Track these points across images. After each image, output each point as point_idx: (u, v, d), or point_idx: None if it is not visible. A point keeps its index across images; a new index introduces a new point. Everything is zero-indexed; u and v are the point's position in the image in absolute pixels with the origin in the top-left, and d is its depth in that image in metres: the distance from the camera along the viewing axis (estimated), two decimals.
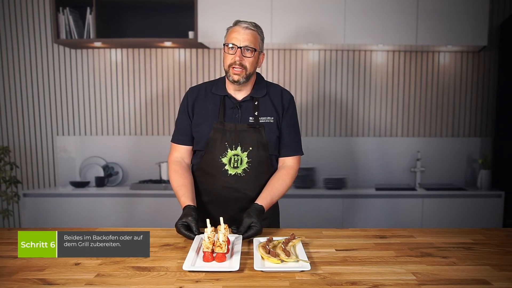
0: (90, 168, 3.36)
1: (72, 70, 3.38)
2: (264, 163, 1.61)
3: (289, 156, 1.68)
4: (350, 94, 3.40)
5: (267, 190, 1.59)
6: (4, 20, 3.32)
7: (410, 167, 3.40)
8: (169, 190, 3.05)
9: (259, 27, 1.61)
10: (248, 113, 1.61)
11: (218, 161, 1.59)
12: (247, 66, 1.56)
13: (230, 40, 1.55)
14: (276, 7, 3.01)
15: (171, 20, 3.29)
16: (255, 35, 1.57)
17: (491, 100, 3.41)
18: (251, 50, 1.55)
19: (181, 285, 1.06)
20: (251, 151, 1.59)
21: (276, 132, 1.63)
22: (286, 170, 1.66)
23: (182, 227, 1.41)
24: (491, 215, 3.12)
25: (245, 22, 1.57)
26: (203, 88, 1.68)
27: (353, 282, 1.07)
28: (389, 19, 3.03)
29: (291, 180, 1.65)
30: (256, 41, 1.57)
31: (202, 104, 1.64)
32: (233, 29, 1.57)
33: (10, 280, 1.08)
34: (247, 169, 1.60)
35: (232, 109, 1.61)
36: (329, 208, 3.12)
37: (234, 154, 1.59)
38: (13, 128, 3.41)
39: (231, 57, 1.55)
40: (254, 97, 1.63)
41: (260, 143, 1.59)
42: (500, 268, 1.18)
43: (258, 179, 1.62)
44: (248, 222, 1.42)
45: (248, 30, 1.55)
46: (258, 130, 1.59)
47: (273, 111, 1.63)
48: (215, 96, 1.64)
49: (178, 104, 3.41)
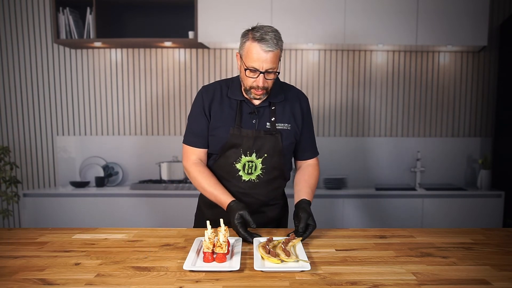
0: (90, 168, 3.36)
1: (72, 70, 3.38)
2: (278, 168, 1.60)
3: (312, 158, 1.71)
4: (350, 94, 3.40)
5: (306, 186, 1.59)
6: (4, 20, 3.32)
7: (410, 167, 3.40)
8: (169, 190, 3.05)
9: (279, 39, 1.46)
10: (265, 119, 1.57)
11: (232, 167, 1.56)
12: (269, 86, 1.51)
13: (251, 64, 1.43)
14: (276, 7, 3.01)
15: (171, 20, 3.29)
16: (277, 53, 1.44)
17: (491, 100, 3.41)
18: (274, 72, 1.47)
19: (181, 285, 1.06)
20: (266, 158, 1.56)
21: (292, 139, 1.60)
22: (313, 167, 1.69)
23: (239, 226, 1.39)
24: (491, 215, 3.12)
25: (266, 41, 1.41)
26: (218, 89, 1.60)
27: (353, 282, 1.07)
28: (389, 19, 3.03)
29: (318, 175, 1.70)
30: (277, 60, 1.46)
31: (218, 107, 1.57)
32: (254, 49, 1.42)
33: (10, 280, 1.08)
34: (261, 175, 1.58)
35: (250, 115, 1.56)
36: (329, 208, 3.12)
37: (248, 161, 1.55)
38: (13, 128, 3.41)
39: (252, 80, 1.47)
40: (271, 102, 1.58)
41: (276, 149, 1.56)
42: (500, 268, 1.18)
43: (271, 184, 1.61)
44: (305, 217, 1.42)
45: (270, 53, 1.42)
46: (275, 137, 1.55)
47: (290, 118, 1.59)
48: (232, 100, 1.57)
49: (178, 104, 3.41)
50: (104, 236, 1.47)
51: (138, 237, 1.46)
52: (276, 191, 1.65)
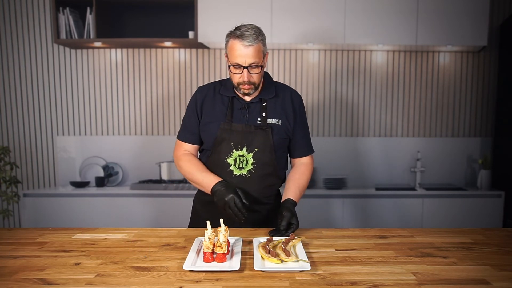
0: (90, 168, 3.36)
1: (72, 70, 3.38)
2: (270, 164, 1.61)
3: (305, 156, 1.72)
4: (350, 94, 3.40)
5: (294, 186, 1.61)
6: (4, 20, 3.32)
7: (410, 167, 3.40)
8: (169, 190, 3.05)
9: (259, 33, 1.52)
10: (256, 114, 1.61)
11: (224, 161, 1.59)
12: (256, 81, 1.55)
13: (234, 60, 1.50)
14: (276, 7, 3.01)
15: (171, 20, 3.29)
16: (258, 48, 1.50)
17: (491, 100, 3.41)
18: (257, 66, 1.51)
19: (181, 285, 1.06)
20: (257, 152, 1.58)
21: (283, 135, 1.63)
22: (305, 166, 1.71)
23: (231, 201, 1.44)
24: (491, 215, 3.12)
25: (245, 37, 1.47)
26: (211, 88, 1.66)
27: (353, 282, 1.07)
28: (389, 19, 3.03)
29: (310, 175, 1.71)
30: (260, 54, 1.51)
31: (211, 104, 1.63)
32: (235, 46, 1.49)
33: (10, 280, 1.08)
34: (252, 170, 1.59)
35: (240, 110, 1.60)
36: (329, 208, 3.12)
37: (239, 155, 1.58)
38: (13, 128, 3.41)
39: (238, 76, 1.53)
40: (262, 99, 1.62)
41: (266, 144, 1.58)
42: (500, 268, 1.18)
43: (263, 180, 1.62)
44: (288, 216, 1.45)
45: (251, 47, 1.48)
46: (266, 132, 1.58)
47: (282, 114, 1.62)
48: (223, 96, 1.63)
49: (178, 104, 3.41)
50: (104, 236, 1.47)
51: (138, 237, 1.46)
52: (269, 189, 1.66)
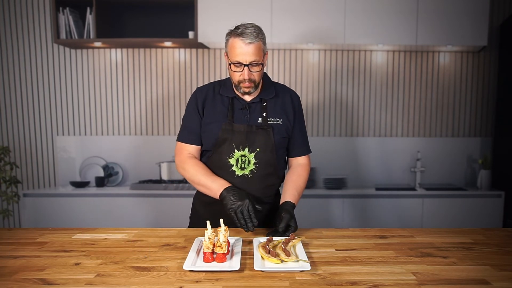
0: (90, 168, 3.36)
1: (72, 70, 3.38)
2: (271, 164, 1.61)
3: (302, 155, 1.73)
4: (350, 94, 3.40)
5: (292, 188, 1.61)
6: (4, 20, 3.32)
7: (410, 167, 3.40)
8: (169, 190, 3.05)
9: (260, 31, 1.52)
10: (257, 114, 1.61)
11: (225, 162, 1.59)
12: (256, 79, 1.54)
13: (235, 58, 1.49)
14: (276, 7, 3.01)
15: (171, 20, 3.29)
16: (259, 46, 1.50)
17: (491, 100, 3.41)
18: (258, 64, 1.51)
19: (181, 285, 1.06)
20: (259, 152, 1.58)
21: (284, 134, 1.63)
22: (302, 167, 1.71)
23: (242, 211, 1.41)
24: (491, 215, 3.12)
25: (246, 35, 1.48)
26: (211, 89, 1.65)
27: (353, 282, 1.07)
28: (389, 19, 3.03)
29: (308, 176, 1.71)
30: (260, 53, 1.51)
31: (211, 104, 1.62)
32: (236, 44, 1.49)
33: (10, 280, 1.08)
34: (254, 170, 1.59)
35: (241, 110, 1.60)
36: (329, 208, 3.12)
37: (241, 155, 1.58)
38: (13, 128, 3.41)
39: (238, 74, 1.52)
40: (262, 99, 1.62)
41: (268, 144, 1.58)
42: (500, 268, 1.18)
43: (265, 180, 1.62)
44: (287, 218, 1.45)
45: (251, 45, 1.48)
46: (267, 131, 1.58)
47: (282, 113, 1.63)
48: (224, 97, 1.62)
49: (178, 104, 3.41)
50: (104, 236, 1.47)
51: (138, 237, 1.46)
52: (270, 188, 1.66)
